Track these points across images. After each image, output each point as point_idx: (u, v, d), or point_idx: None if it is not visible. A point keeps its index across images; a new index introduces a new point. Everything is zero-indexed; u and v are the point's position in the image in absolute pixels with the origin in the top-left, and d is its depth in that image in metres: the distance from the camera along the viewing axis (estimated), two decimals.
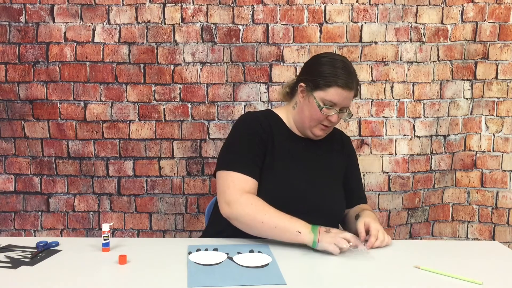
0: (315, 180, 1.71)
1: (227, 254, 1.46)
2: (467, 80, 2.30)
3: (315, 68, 1.69)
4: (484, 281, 1.30)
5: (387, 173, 2.30)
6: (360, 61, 2.24)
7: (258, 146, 1.68)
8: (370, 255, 1.50)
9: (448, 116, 2.31)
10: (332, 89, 1.62)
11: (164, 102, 2.21)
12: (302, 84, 1.70)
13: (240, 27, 2.19)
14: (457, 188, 2.38)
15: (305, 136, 1.76)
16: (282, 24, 2.20)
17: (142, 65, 2.18)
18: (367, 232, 1.59)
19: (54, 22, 2.14)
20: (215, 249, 1.49)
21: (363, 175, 2.29)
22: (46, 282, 1.28)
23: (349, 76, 1.63)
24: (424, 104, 2.28)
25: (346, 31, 2.21)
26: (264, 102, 2.24)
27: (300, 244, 1.58)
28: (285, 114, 1.79)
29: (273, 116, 1.78)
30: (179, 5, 2.16)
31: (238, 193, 1.59)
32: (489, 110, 2.32)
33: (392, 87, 2.27)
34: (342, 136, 1.90)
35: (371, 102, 2.27)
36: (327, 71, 1.64)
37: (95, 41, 2.16)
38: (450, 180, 2.38)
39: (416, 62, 2.26)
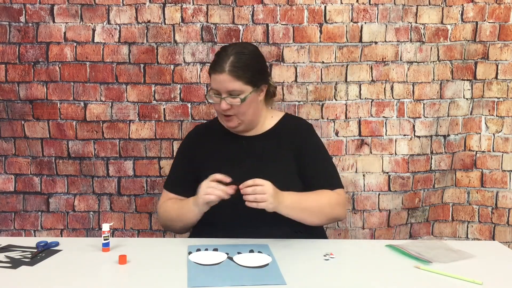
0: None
1: (227, 254, 1.46)
2: (467, 80, 2.30)
3: None
4: (484, 281, 1.30)
5: (387, 173, 2.29)
6: (360, 61, 2.24)
7: (183, 161, 1.84)
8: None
9: (448, 116, 2.31)
10: (211, 77, 1.68)
11: (164, 102, 2.21)
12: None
13: (240, 27, 2.19)
14: (457, 188, 2.38)
15: (245, 135, 1.78)
16: (282, 24, 2.20)
17: (142, 65, 2.18)
18: None
19: (54, 22, 2.14)
20: (215, 249, 1.50)
21: (363, 175, 2.29)
22: (46, 282, 1.28)
23: (218, 59, 1.66)
24: (424, 104, 2.28)
25: (346, 31, 2.21)
26: None
27: (300, 244, 1.58)
28: None
29: (213, 124, 1.86)
30: (179, 5, 2.16)
31: (158, 205, 1.85)
32: (489, 110, 2.32)
33: (392, 87, 2.27)
34: (297, 126, 1.85)
35: (371, 102, 2.27)
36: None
37: (95, 41, 2.16)
38: (450, 180, 2.38)
39: (416, 62, 2.26)
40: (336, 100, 2.26)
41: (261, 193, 1.50)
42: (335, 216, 1.74)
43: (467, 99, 2.31)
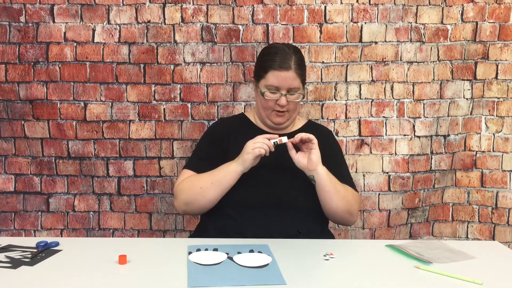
0: (282, 173, 1.74)
1: (227, 254, 1.46)
2: (467, 80, 2.30)
3: (256, 62, 1.88)
4: (484, 281, 1.30)
5: (387, 173, 2.29)
6: (360, 61, 2.24)
7: (211, 145, 1.85)
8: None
9: (448, 116, 2.31)
10: (269, 73, 1.74)
11: (164, 102, 2.21)
12: (253, 79, 1.86)
13: (240, 27, 2.19)
14: (457, 188, 2.38)
15: (272, 131, 1.82)
16: (282, 24, 2.20)
17: (142, 65, 2.18)
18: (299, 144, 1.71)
19: (54, 22, 2.14)
20: (215, 249, 1.50)
21: (363, 175, 2.29)
22: (46, 282, 1.28)
23: (283, 57, 1.74)
24: (424, 104, 2.28)
25: (346, 31, 2.21)
26: None
27: (300, 244, 1.58)
28: (253, 114, 1.93)
29: (242, 119, 1.95)
30: (179, 5, 2.16)
31: (177, 184, 1.78)
32: (489, 110, 2.32)
33: (392, 87, 2.27)
34: (321, 131, 1.93)
35: (371, 102, 2.27)
36: (263, 59, 1.81)
37: (95, 41, 2.16)
38: (450, 180, 2.38)
39: (416, 62, 2.26)
40: (336, 100, 2.26)
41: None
42: (351, 211, 1.77)
43: (467, 99, 2.31)
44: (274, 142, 1.67)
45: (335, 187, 1.71)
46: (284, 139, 1.68)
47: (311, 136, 1.67)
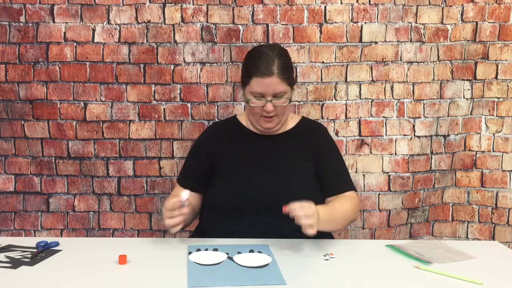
0: (277, 175, 1.72)
1: (227, 254, 1.46)
2: (467, 80, 2.30)
3: (242, 67, 1.80)
4: (484, 281, 1.30)
5: (387, 173, 2.30)
6: (360, 61, 2.24)
7: (198, 157, 1.83)
8: None
9: (448, 116, 2.31)
10: (253, 80, 1.68)
11: (164, 102, 2.21)
12: (240, 84, 1.81)
13: (240, 27, 2.19)
14: (457, 188, 2.38)
15: (266, 134, 1.80)
16: (282, 24, 2.20)
17: (142, 65, 2.18)
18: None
19: (54, 22, 2.14)
20: (215, 249, 1.50)
21: (363, 175, 2.29)
22: (46, 282, 1.28)
23: (266, 63, 1.66)
24: (424, 104, 2.28)
25: (346, 31, 2.21)
26: None
27: (300, 244, 1.58)
28: (245, 117, 1.88)
29: (233, 123, 1.88)
30: (179, 5, 2.16)
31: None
32: (489, 110, 2.32)
33: (392, 87, 2.27)
34: (315, 128, 1.90)
35: (371, 102, 2.27)
36: (246, 65, 1.74)
37: (95, 41, 2.16)
38: (450, 180, 2.38)
39: (416, 62, 2.26)
40: (336, 100, 2.26)
41: (309, 213, 1.47)
42: (353, 219, 1.78)
43: (467, 99, 2.31)
44: (182, 202, 1.53)
45: (334, 220, 1.64)
46: (185, 195, 1.53)
47: (299, 214, 1.47)
